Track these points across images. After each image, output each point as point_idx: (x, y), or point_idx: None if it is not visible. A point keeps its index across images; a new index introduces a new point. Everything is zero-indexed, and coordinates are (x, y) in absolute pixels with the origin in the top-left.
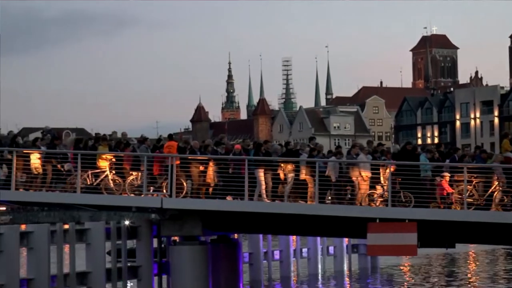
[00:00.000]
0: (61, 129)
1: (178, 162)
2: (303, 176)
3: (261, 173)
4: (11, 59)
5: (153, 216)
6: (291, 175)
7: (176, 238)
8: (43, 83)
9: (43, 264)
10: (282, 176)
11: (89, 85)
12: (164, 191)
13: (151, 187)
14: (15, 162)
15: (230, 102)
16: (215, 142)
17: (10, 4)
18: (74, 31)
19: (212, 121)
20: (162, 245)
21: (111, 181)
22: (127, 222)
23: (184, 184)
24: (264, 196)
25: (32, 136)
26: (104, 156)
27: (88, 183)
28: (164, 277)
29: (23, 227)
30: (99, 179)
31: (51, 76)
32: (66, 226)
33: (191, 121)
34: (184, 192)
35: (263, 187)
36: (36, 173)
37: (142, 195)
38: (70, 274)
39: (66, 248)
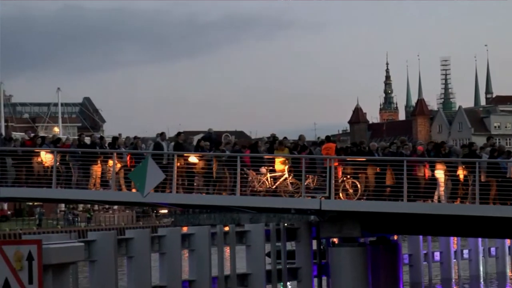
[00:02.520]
0: (220, 132)
1: (336, 163)
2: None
3: (441, 173)
4: (172, 63)
5: (312, 218)
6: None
7: (335, 239)
8: (203, 86)
9: (204, 266)
10: (461, 177)
11: (247, 87)
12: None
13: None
14: (176, 165)
15: (388, 103)
16: (400, 140)
17: (172, 9)
18: (233, 35)
19: (370, 122)
20: (322, 247)
21: (289, 184)
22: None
23: (359, 185)
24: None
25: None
26: (281, 159)
27: (267, 186)
28: (324, 278)
29: (184, 229)
30: (278, 182)
31: (211, 79)
32: (226, 228)
33: (349, 122)
34: (359, 193)
35: (442, 188)
36: (197, 175)
37: (301, 197)
38: (231, 276)
39: (227, 250)
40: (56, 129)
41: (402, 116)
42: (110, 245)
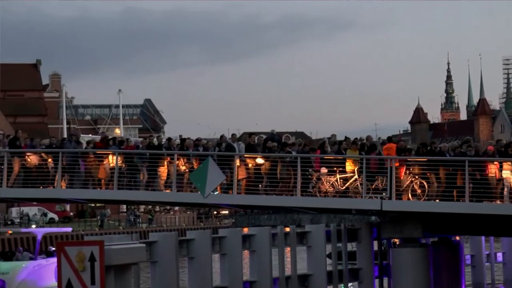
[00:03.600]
0: (281, 132)
1: (397, 164)
2: None
3: (508, 173)
4: (231, 64)
5: (373, 219)
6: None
7: (397, 240)
8: (262, 87)
9: (265, 267)
10: None
11: (307, 88)
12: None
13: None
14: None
15: (449, 102)
16: (463, 141)
17: (230, 11)
18: (292, 35)
19: (431, 122)
20: (383, 248)
21: (360, 185)
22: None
23: (426, 186)
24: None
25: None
26: (352, 161)
27: (337, 187)
28: (385, 279)
29: (245, 230)
30: (348, 183)
31: (270, 80)
32: (287, 229)
33: (410, 122)
34: (427, 194)
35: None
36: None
37: (362, 198)
38: (292, 277)
39: (287, 250)
40: (117, 131)
41: (463, 116)
42: (171, 246)
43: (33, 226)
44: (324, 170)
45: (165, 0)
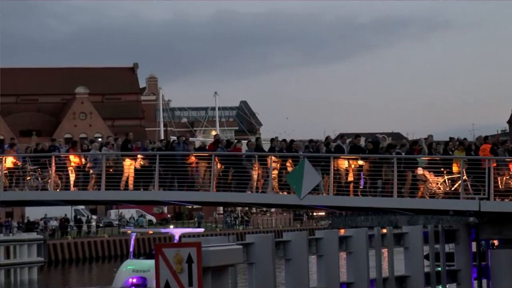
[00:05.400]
0: (376, 133)
1: (495, 164)
2: None
3: None
4: (326, 66)
5: (472, 219)
6: None
7: (495, 241)
8: (358, 88)
9: (362, 268)
10: None
11: (402, 88)
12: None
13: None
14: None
15: None
16: None
17: (324, 12)
18: (387, 36)
19: None
20: (481, 249)
21: (470, 186)
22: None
23: None
24: None
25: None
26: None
27: (446, 188)
28: (484, 281)
29: (342, 231)
30: (457, 184)
31: (366, 81)
32: (384, 230)
33: (508, 122)
34: None
35: None
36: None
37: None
38: (389, 278)
39: (384, 252)
40: (213, 133)
41: None
42: (268, 247)
43: (131, 227)
44: (420, 171)
45: (259, 1)
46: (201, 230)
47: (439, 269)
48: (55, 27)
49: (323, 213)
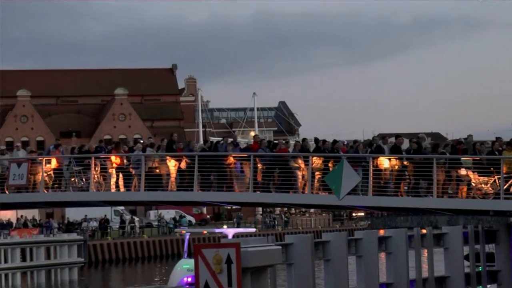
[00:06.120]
0: (415, 133)
1: None
2: None
3: None
4: (365, 65)
5: None
6: None
7: None
8: (397, 88)
9: (402, 269)
10: None
11: (441, 88)
12: None
13: None
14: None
15: None
16: None
17: (363, 12)
18: (425, 36)
19: None
20: None
21: None
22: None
23: None
24: None
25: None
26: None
27: (496, 188)
28: None
29: (381, 232)
30: (507, 184)
31: (404, 81)
32: (424, 231)
33: None
34: None
35: None
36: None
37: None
38: (429, 279)
39: (424, 252)
40: (252, 134)
41: None
42: (307, 248)
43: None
44: (463, 171)
45: (297, 1)
46: (253, 230)
47: (480, 269)
48: (95, 29)
49: (362, 214)
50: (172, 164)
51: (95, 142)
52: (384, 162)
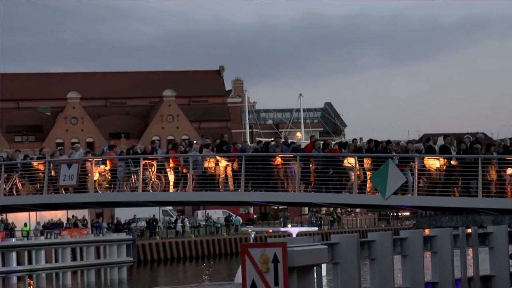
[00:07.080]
0: (461, 134)
1: None
2: None
3: None
4: (411, 66)
5: None
6: None
7: None
8: (442, 88)
9: (447, 268)
10: None
11: (486, 88)
12: None
13: None
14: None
15: None
16: None
17: (408, 13)
18: (470, 36)
19: None
20: None
21: None
22: None
23: None
24: None
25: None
26: None
27: None
28: None
29: (426, 231)
30: None
31: (449, 81)
32: (469, 230)
33: None
34: None
35: None
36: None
37: None
38: (474, 278)
39: (469, 252)
40: (298, 134)
41: None
42: (353, 247)
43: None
44: (510, 171)
45: (344, 2)
46: (315, 229)
47: None
48: (142, 31)
49: (408, 213)
50: (223, 164)
51: (143, 143)
52: (434, 162)
